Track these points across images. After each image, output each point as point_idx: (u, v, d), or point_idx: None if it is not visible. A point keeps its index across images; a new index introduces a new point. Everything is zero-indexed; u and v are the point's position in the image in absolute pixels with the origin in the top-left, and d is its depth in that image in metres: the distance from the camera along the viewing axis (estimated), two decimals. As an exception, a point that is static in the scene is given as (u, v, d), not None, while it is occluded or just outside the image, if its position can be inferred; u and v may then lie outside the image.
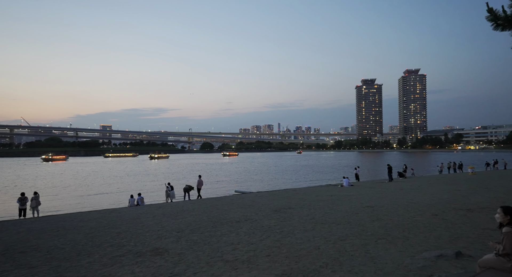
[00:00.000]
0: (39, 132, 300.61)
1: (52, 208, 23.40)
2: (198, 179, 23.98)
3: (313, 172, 59.62)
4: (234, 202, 18.40)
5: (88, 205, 24.54)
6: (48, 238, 9.86)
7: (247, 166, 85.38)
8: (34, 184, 43.46)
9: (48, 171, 72.11)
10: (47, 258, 7.48)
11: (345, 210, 13.42)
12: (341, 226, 10.14)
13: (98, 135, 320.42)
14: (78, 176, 55.37)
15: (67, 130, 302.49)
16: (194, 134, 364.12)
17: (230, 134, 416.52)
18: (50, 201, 27.59)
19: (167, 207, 17.34)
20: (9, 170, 77.80)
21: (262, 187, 35.32)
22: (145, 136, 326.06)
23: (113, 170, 72.86)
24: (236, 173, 60.69)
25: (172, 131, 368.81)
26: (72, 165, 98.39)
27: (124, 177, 53.22)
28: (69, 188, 37.74)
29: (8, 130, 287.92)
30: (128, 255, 7.43)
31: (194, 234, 9.71)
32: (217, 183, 42.01)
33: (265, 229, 9.99)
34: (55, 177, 54.98)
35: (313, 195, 19.99)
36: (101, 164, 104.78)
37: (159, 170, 70.74)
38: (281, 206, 15.23)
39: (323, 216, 12.02)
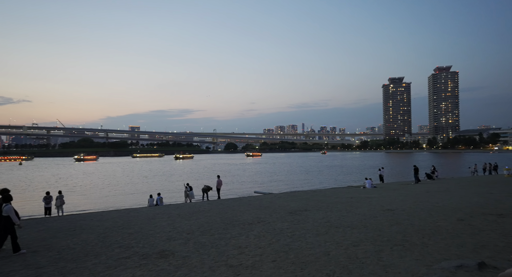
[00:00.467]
0: (73, 133, 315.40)
1: (78, 207, 24.21)
2: (217, 179, 23.99)
3: (336, 173, 58.39)
4: (251, 203, 18.20)
5: (111, 204, 25.20)
6: (63, 238, 10.07)
7: (270, 166, 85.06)
8: (65, 183, 45.35)
9: (79, 170, 75.19)
10: (56, 258, 7.58)
11: (363, 213, 12.85)
12: (356, 230, 9.67)
13: (127, 136, 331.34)
14: (106, 176, 57.28)
15: (98, 131, 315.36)
16: (218, 135, 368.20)
17: (253, 134, 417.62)
18: (77, 200, 28.61)
19: (184, 208, 17.41)
20: (45, 169, 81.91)
21: (283, 188, 34.92)
22: (171, 137, 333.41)
23: (140, 170, 74.86)
24: (258, 173, 60.54)
25: (197, 132, 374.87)
26: (102, 165, 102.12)
27: (149, 177, 54.47)
28: (96, 187, 39.04)
29: (45, 131, 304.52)
30: (134, 257, 7.39)
31: (203, 236, 9.58)
32: (238, 183, 42.03)
33: (277, 232, 9.69)
34: (85, 176, 57.17)
35: (332, 197, 19.43)
36: (129, 164, 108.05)
37: (183, 170, 71.90)
38: (297, 208, 14.86)
39: (338, 219, 11.55)
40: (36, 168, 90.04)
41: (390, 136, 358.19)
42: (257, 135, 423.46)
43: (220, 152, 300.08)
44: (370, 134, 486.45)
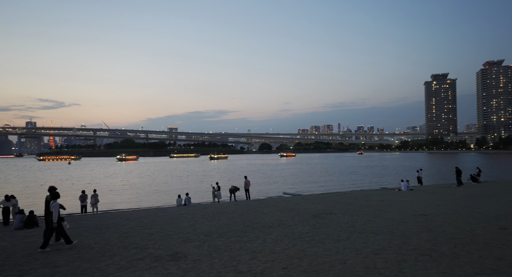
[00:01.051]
0: (116, 134, 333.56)
1: (113, 205, 25.26)
2: (245, 180, 23.92)
3: (372, 174, 56.17)
4: (277, 204, 17.88)
5: (143, 203, 26.03)
6: (87, 236, 10.43)
7: (304, 167, 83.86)
8: (106, 181, 47.79)
9: (120, 169, 79.05)
10: (74, 257, 7.80)
11: (392, 218, 12.06)
12: (380, 236, 9.04)
13: (165, 137, 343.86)
14: (143, 175, 59.62)
15: (139, 132, 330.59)
16: (253, 135, 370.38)
17: (288, 135, 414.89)
18: (113, 198, 29.92)
19: (210, 208, 17.49)
20: (89, 168, 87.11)
21: (314, 189, 34.14)
22: (206, 137, 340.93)
23: (175, 169, 77.11)
24: (291, 174, 59.86)
25: (232, 133, 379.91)
26: (141, 165, 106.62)
27: (183, 176, 55.83)
28: (133, 186, 40.64)
29: (92, 133, 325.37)
30: (147, 259, 7.41)
31: (220, 238, 9.45)
32: (269, 184, 41.77)
33: (295, 237, 9.32)
34: (125, 175, 59.91)
35: (362, 200, 18.57)
36: (166, 163, 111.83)
37: (217, 170, 73.00)
38: (322, 211, 14.32)
39: (364, 224, 10.91)
40: (82, 167, 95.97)
41: (433, 136, 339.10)
42: (292, 136, 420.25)
43: (254, 152, 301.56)
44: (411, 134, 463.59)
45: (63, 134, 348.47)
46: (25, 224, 12.96)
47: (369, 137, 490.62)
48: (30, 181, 49.59)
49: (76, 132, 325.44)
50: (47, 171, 78.20)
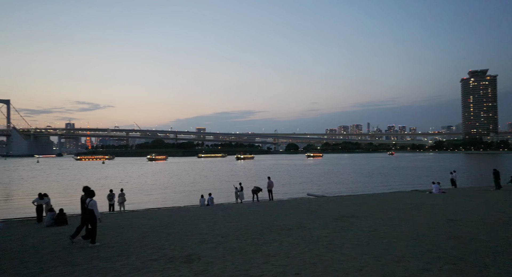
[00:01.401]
0: (147, 135, 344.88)
1: (140, 204, 25.98)
2: (268, 180, 23.76)
3: (403, 175, 54.08)
4: (300, 206, 17.59)
5: (169, 202, 26.54)
6: (109, 235, 10.72)
7: (331, 167, 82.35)
8: (136, 181, 49.35)
9: (150, 169, 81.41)
10: (93, 256, 8.01)
11: (419, 222, 11.45)
12: (403, 242, 8.57)
13: (194, 137, 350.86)
14: (172, 175, 61.03)
15: (169, 133, 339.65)
16: (280, 135, 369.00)
17: (315, 135, 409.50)
18: (141, 197, 30.78)
19: (232, 209, 17.50)
20: (121, 168, 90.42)
21: (340, 191, 33.37)
22: (233, 138, 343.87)
23: (202, 169, 78.30)
24: (317, 174, 58.94)
25: (258, 133, 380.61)
26: (170, 164, 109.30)
27: (210, 176, 56.50)
28: (161, 186, 41.67)
29: (125, 133, 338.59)
30: (161, 260, 7.46)
31: (236, 240, 9.37)
32: (295, 184, 41.33)
33: (313, 240, 9.06)
34: (154, 175, 61.63)
35: (389, 202, 17.84)
36: (194, 163, 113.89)
37: (243, 170, 73.32)
38: (345, 214, 13.89)
39: (387, 229, 10.43)
40: (115, 166, 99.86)
41: (470, 136, 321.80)
42: (319, 136, 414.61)
43: (281, 153, 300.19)
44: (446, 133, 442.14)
45: (98, 135, 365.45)
46: (55, 221, 13.59)
47: (400, 137, 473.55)
48: (68, 180, 52.22)
49: (110, 133, 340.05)
50: (83, 170, 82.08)
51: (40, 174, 66.24)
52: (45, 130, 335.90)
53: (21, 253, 8.65)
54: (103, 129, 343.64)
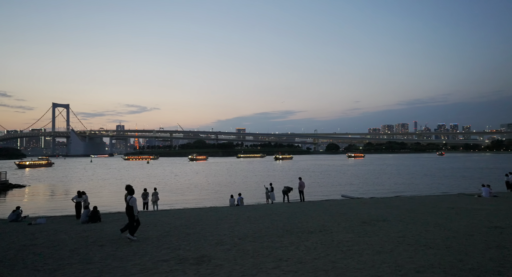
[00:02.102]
0: (190, 136, 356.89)
1: (176, 203, 26.72)
2: (299, 181, 23.24)
3: (452, 177, 50.37)
4: (330, 208, 16.96)
5: (203, 202, 27.03)
6: (139, 232, 11.04)
7: (373, 168, 79.13)
8: (176, 180, 51.06)
9: (190, 169, 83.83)
10: (109, 254, 8.20)
11: (456, 229, 10.43)
12: (432, 251, 7.80)
13: (234, 137, 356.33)
14: (210, 174, 62.30)
15: (210, 133, 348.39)
16: (320, 135, 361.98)
17: (357, 134, 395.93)
18: (178, 196, 31.68)
19: (259, 209, 17.31)
20: (164, 167, 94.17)
21: (378, 193, 31.84)
22: (273, 138, 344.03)
23: (242, 169, 79.06)
24: (357, 175, 56.91)
25: (298, 133, 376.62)
26: (210, 164, 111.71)
27: (247, 176, 56.80)
28: (198, 185, 42.60)
29: (169, 134, 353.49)
30: (172, 261, 7.43)
31: (253, 242, 9.15)
32: (332, 185, 40.20)
33: (332, 245, 8.58)
34: (193, 175, 63.34)
35: (428, 206, 16.58)
36: (233, 163, 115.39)
37: (280, 170, 72.89)
38: (375, 217, 13.10)
39: (417, 235, 9.60)
40: (158, 166, 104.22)
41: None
42: (361, 136, 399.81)
43: (321, 153, 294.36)
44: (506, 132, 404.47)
45: (145, 136, 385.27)
46: (90, 218, 14.35)
47: (452, 137, 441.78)
48: (115, 178, 55.44)
49: (155, 134, 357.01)
50: (130, 169, 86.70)
51: (92, 173, 71.03)
52: (98, 132, 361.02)
53: (47, 248, 9.15)
54: (149, 130, 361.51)
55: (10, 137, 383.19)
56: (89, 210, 14.82)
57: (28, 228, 13.19)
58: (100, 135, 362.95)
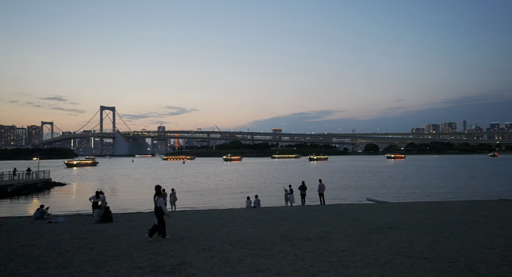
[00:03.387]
0: (226, 136, 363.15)
1: (194, 204, 26.96)
2: (319, 183, 22.41)
3: (502, 180, 46.13)
4: (347, 212, 16.07)
5: (223, 203, 27.02)
6: (131, 235, 11.04)
7: (414, 169, 75.06)
8: (206, 180, 51.85)
9: (222, 169, 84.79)
10: (92, 258, 8.20)
11: (474, 240, 9.33)
12: (431, 265, 6.95)
13: (270, 138, 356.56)
14: (241, 175, 62.49)
15: (245, 134, 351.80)
16: (358, 135, 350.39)
17: (399, 134, 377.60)
18: (199, 196, 31.97)
19: (273, 212, 16.82)
20: (199, 167, 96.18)
21: (411, 196, 30.02)
22: (309, 138, 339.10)
23: (275, 170, 78.61)
24: (393, 177, 54.21)
25: (335, 133, 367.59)
26: (243, 165, 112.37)
27: (278, 177, 56.18)
28: (225, 185, 42.73)
29: (206, 135, 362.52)
30: (147, 268, 7.17)
31: (242, 249, 8.72)
32: (362, 188, 38.56)
33: (323, 255, 7.94)
34: (223, 175, 63.90)
35: (456, 212, 15.16)
36: (267, 164, 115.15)
37: (313, 171, 71.45)
38: (388, 224, 12.15)
39: (425, 246, 8.67)
40: (193, 166, 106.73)
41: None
42: (403, 136, 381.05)
43: (359, 154, 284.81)
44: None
45: (184, 137, 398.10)
46: (102, 218, 14.82)
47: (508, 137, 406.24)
48: (150, 177, 57.56)
49: (193, 135, 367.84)
50: (166, 169, 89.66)
51: (131, 172, 74.36)
52: (141, 133, 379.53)
53: (40, 249, 9.34)
54: (187, 131, 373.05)
55: (65, 138, 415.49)
56: (101, 210, 15.28)
57: (43, 226, 13.85)
58: (143, 136, 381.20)
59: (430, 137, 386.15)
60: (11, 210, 25.53)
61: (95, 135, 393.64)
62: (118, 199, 32.60)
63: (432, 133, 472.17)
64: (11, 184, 34.69)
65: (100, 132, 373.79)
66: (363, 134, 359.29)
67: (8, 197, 32.49)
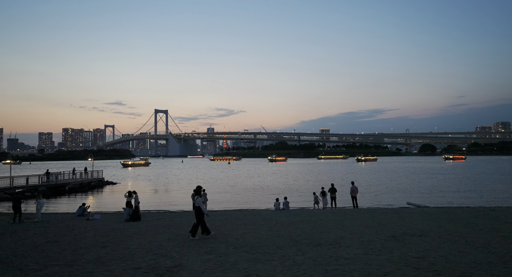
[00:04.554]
0: (272, 137, 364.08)
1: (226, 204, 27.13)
2: (351, 186, 21.43)
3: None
4: (376, 217, 15.21)
5: (252, 204, 26.95)
6: (146, 234, 11.58)
7: (475, 171, 68.74)
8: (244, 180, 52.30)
9: (265, 170, 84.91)
10: (98, 257, 8.60)
11: (504, 253, 8.24)
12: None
13: (317, 138, 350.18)
14: (283, 176, 62.10)
15: (292, 134, 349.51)
16: (412, 135, 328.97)
17: (460, 134, 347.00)
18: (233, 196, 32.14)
19: (299, 215, 16.40)
20: (242, 168, 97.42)
21: (463, 201, 27.54)
22: (358, 138, 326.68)
23: (318, 171, 77.01)
24: (448, 180, 50.13)
25: (386, 133, 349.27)
26: (288, 166, 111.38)
27: (320, 178, 54.91)
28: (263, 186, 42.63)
29: (253, 136, 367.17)
30: (142, 269, 7.32)
31: (245, 253, 8.53)
32: (408, 191, 36.19)
33: (325, 262, 7.50)
34: (266, 176, 63.97)
35: (501, 222, 13.52)
36: (312, 165, 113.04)
37: (357, 173, 68.70)
38: (413, 231, 11.27)
39: (443, 256, 7.85)
40: (238, 166, 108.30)
41: None
42: (465, 135, 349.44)
43: (414, 154, 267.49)
44: None
45: (231, 138, 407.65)
46: (131, 217, 15.65)
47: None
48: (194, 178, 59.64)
49: (240, 136, 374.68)
50: (211, 169, 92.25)
51: (178, 172, 77.74)
52: (191, 135, 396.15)
53: (54, 245, 10.09)
54: (235, 132, 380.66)
55: (124, 140, 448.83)
56: (131, 209, 16.11)
57: (79, 223, 15.03)
58: (193, 137, 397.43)
59: (499, 137, 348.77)
60: (67, 206, 27.97)
61: (150, 137, 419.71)
62: (158, 197, 34.29)
63: (501, 132, 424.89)
64: (69, 182, 38.31)
65: (154, 134, 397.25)
66: (418, 134, 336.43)
67: (66, 194, 35.89)
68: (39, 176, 35.72)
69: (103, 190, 41.34)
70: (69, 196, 35.19)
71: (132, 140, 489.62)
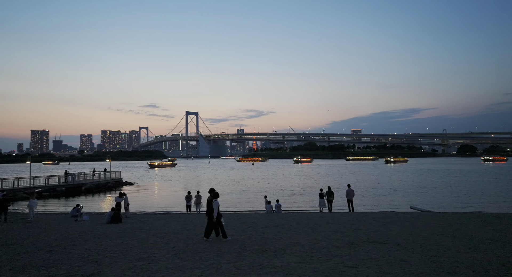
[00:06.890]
0: (301, 138, 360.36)
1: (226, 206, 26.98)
2: (347, 189, 20.51)
3: None
4: (363, 222, 14.45)
5: (254, 206, 26.51)
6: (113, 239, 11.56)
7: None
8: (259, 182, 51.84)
9: (288, 171, 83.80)
10: (57, 259, 8.75)
11: (444, 262, 7.40)
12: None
13: (348, 139, 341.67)
14: (303, 177, 61.04)
15: (321, 135, 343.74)
16: (450, 135, 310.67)
17: (505, 134, 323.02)
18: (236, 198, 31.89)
19: (285, 218, 15.92)
20: (265, 170, 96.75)
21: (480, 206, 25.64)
22: (390, 139, 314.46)
23: (344, 172, 74.98)
24: (476, 182, 46.78)
25: (421, 133, 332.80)
26: (313, 167, 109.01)
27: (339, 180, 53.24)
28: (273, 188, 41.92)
29: (281, 137, 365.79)
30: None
31: (177, 260, 8.22)
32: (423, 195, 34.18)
33: (243, 272, 7.10)
34: (285, 178, 63.16)
35: (488, 227, 12.32)
36: (339, 166, 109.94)
37: (378, 175, 65.99)
38: (379, 238, 10.56)
39: (381, 266, 7.13)
40: (262, 167, 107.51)
41: None
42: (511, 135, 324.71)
43: (452, 155, 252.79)
44: None
45: (260, 139, 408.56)
46: (112, 219, 15.89)
47: None
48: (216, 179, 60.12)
49: (269, 137, 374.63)
50: (235, 170, 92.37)
51: (202, 173, 78.69)
52: (221, 136, 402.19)
53: (12, 248, 10.41)
54: (264, 133, 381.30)
55: (157, 141, 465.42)
56: (113, 211, 16.27)
57: (64, 223, 15.53)
58: (222, 138, 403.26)
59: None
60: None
61: (181, 138, 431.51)
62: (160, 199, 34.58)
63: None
64: (86, 183, 40.07)
65: (185, 136, 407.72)
66: (456, 134, 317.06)
67: (82, 194, 37.50)
68: (58, 176, 37.65)
69: (117, 190, 42.77)
70: (86, 196, 36.58)
71: (164, 141, 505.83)
